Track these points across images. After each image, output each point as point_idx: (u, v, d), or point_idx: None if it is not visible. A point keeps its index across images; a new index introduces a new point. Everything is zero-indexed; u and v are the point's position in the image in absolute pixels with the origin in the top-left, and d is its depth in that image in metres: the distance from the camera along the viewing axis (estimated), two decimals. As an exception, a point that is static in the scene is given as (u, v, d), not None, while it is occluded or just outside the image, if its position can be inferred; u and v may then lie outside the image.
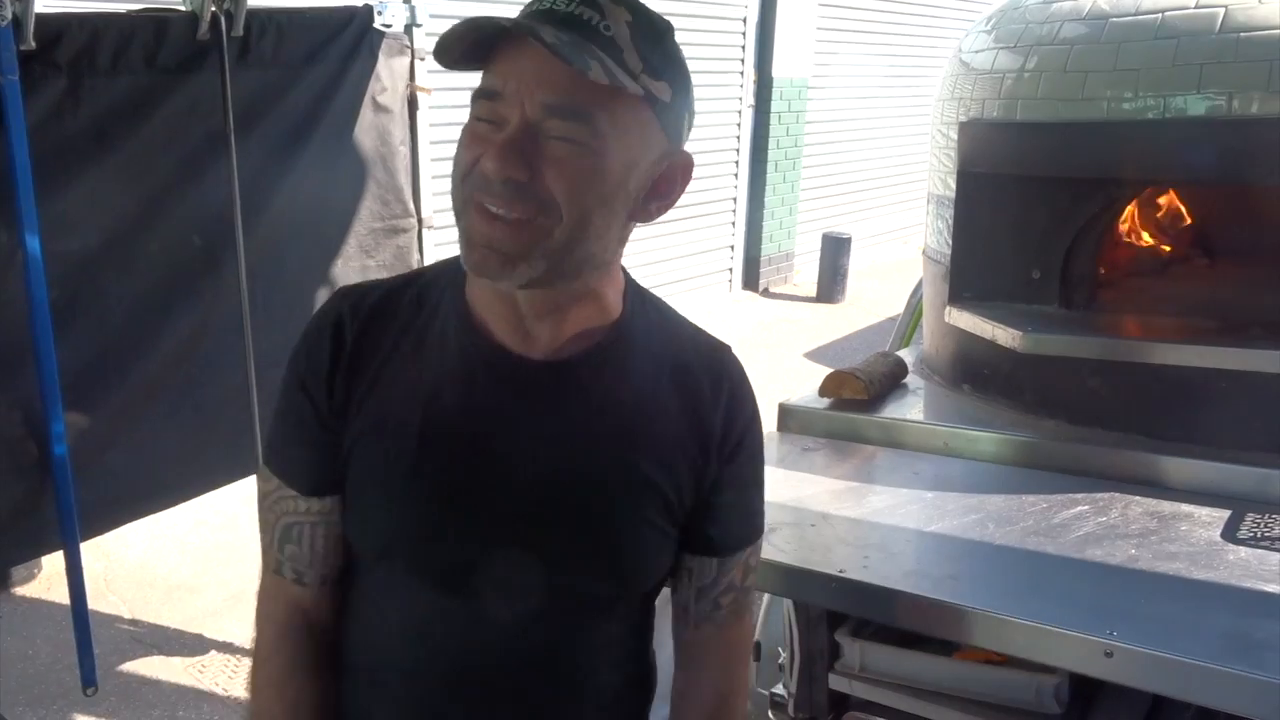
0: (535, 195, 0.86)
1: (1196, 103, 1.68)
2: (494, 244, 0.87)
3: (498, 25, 0.84)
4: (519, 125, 0.85)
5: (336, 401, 0.97)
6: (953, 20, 9.33)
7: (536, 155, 0.85)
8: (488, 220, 0.87)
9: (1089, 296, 1.95)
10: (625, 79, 0.85)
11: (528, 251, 0.87)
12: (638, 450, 0.98)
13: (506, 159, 0.85)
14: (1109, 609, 1.30)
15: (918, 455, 1.86)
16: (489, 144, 0.86)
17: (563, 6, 0.86)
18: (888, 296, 7.52)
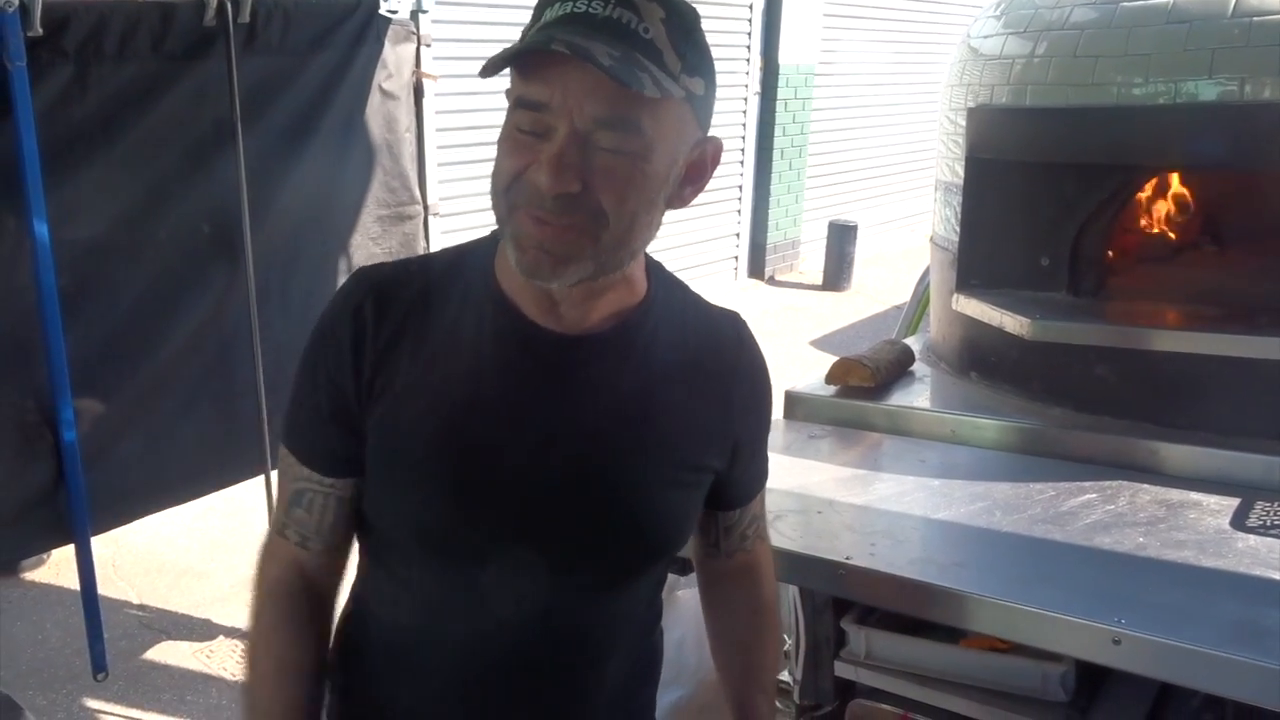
0: (586, 206, 0.87)
1: (1208, 88, 1.67)
2: (546, 246, 0.88)
3: (552, 49, 0.83)
4: (568, 137, 0.85)
5: (361, 383, 0.97)
6: (960, 6, 9.27)
7: (586, 167, 0.86)
8: (538, 225, 0.88)
9: (1097, 283, 1.94)
10: (671, 85, 0.86)
11: (579, 254, 0.89)
12: (669, 417, 1.01)
13: (559, 173, 0.85)
14: (1116, 597, 1.29)
15: (924, 443, 1.85)
16: (533, 154, 0.87)
17: (600, 10, 0.85)
18: (894, 284, 7.50)
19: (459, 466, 0.97)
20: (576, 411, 0.98)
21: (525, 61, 0.87)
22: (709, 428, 1.04)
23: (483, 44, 5.42)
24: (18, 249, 1.98)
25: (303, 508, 1.02)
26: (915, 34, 9.06)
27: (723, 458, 1.06)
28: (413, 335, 0.98)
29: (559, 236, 0.88)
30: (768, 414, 1.14)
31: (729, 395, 1.06)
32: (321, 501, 1.02)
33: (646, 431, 1.00)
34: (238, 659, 2.97)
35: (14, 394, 2.04)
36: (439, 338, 0.98)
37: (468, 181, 5.45)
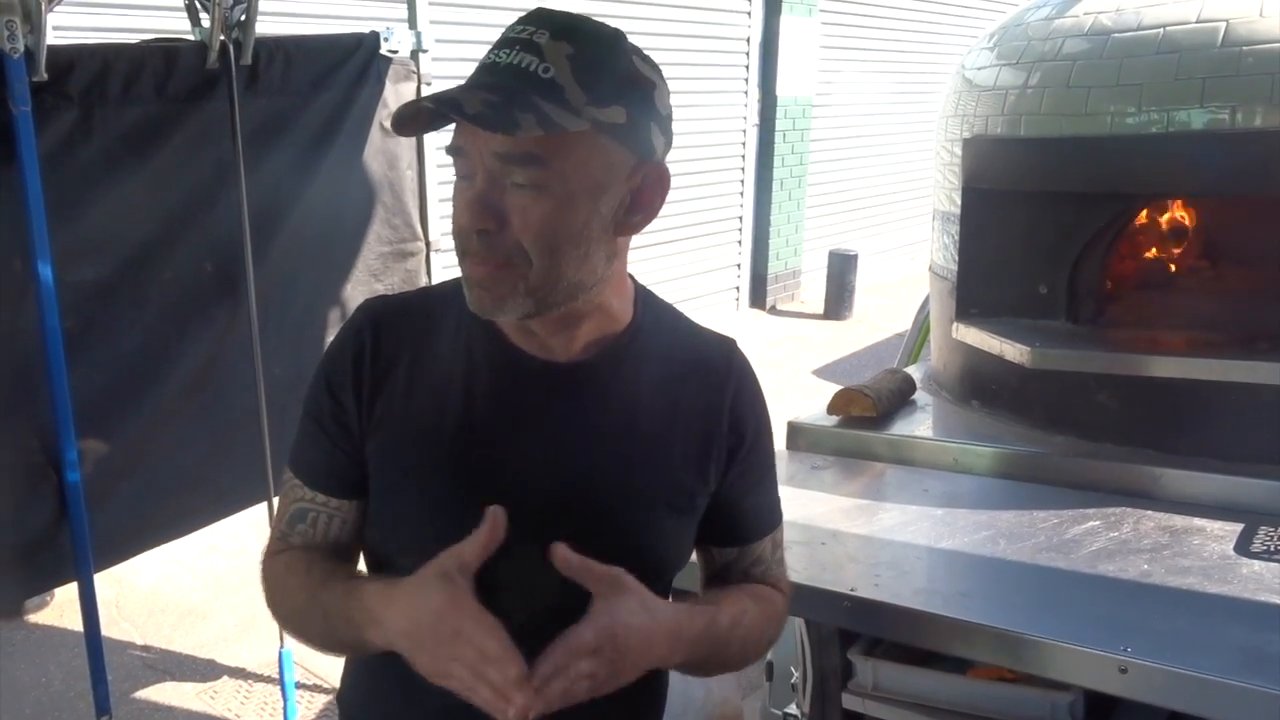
0: (504, 245, 0.91)
1: (1200, 116, 1.68)
2: (484, 284, 0.94)
3: (425, 106, 0.89)
4: (483, 178, 0.91)
5: (361, 408, 1.01)
6: (955, 38, 9.36)
7: (502, 205, 0.91)
8: (474, 264, 0.94)
9: (1096, 311, 1.95)
10: (567, 119, 0.88)
11: (511, 290, 0.93)
12: (656, 444, 1.03)
13: (474, 212, 0.91)
14: (1123, 625, 1.29)
15: (927, 472, 1.86)
16: (462, 198, 0.93)
17: (504, 58, 0.91)
18: (895, 313, 7.51)
19: (456, 493, 0.99)
20: (566, 437, 1.01)
21: (430, 115, 0.92)
22: (697, 450, 1.05)
23: (482, 81, 5.48)
24: (24, 291, 1.99)
25: (305, 523, 1.05)
26: (911, 65, 9.14)
27: (713, 480, 1.06)
28: (410, 363, 1.01)
29: (491, 275, 0.93)
30: (766, 438, 1.12)
31: (718, 419, 1.06)
32: (325, 521, 1.05)
33: (634, 455, 1.02)
34: (241, 700, 2.95)
35: (19, 435, 2.04)
36: (435, 367, 1.01)
37: (469, 217, 5.49)
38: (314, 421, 1.03)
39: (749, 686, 2.72)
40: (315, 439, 1.04)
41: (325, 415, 1.02)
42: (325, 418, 1.02)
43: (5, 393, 2.03)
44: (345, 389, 1.01)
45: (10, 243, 1.96)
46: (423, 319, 1.04)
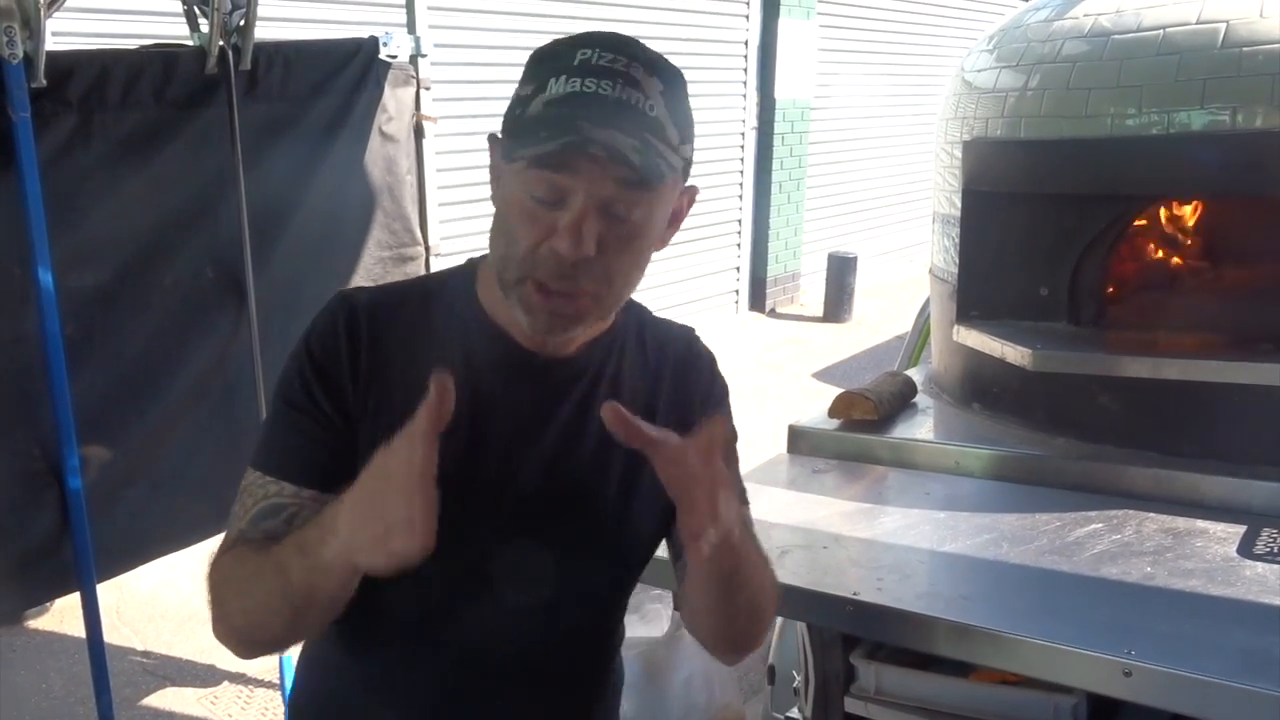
0: (598, 271, 0.93)
1: (1200, 117, 1.68)
2: (557, 311, 0.94)
3: (590, 150, 0.88)
4: (589, 207, 0.91)
5: (356, 395, 0.99)
6: (954, 40, 9.37)
7: (602, 235, 0.92)
8: (546, 295, 0.93)
9: (1097, 312, 1.94)
10: (677, 162, 0.94)
11: (585, 316, 0.96)
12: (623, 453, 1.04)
13: (580, 240, 0.90)
14: (1126, 627, 1.29)
15: (929, 475, 1.85)
16: (549, 222, 0.91)
17: (610, 91, 0.90)
18: (894, 315, 7.51)
19: (456, 488, 0.95)
20: (565, 431, 1.03)
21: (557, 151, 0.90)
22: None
23: (482, 85, 5.48)
24: (23, 297, 1.99)
25: (276, 519, 0.97)
26: (909, 68, 9.15)
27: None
28: (405, 359, 1.00)
29: (569, 303, 0.94)
30: (731, 419, 1.14)
31: (692, 406, 1.10)
32: (300, 514, 0.97)
33: (619, 447, 1.01)
34: (242, 705, 2.94)
35: (20, 442, 2.04)
36: (429, 360, 0.97)
37: (468, 221, 5.48)
38: (296, 411, 0.99)
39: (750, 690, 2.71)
40: (297, 428, 0.99)
41: (313, 403, 0.99)
42: (313, 406, 0.99)
43: (6, 400, 2.03)
44: (340, 375, 0.99)
45: (10, 249, 1.96)
46: (412, 316, 1.03)
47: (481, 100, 5.49)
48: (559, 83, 0.91)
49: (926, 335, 2.71)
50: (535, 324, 0.95)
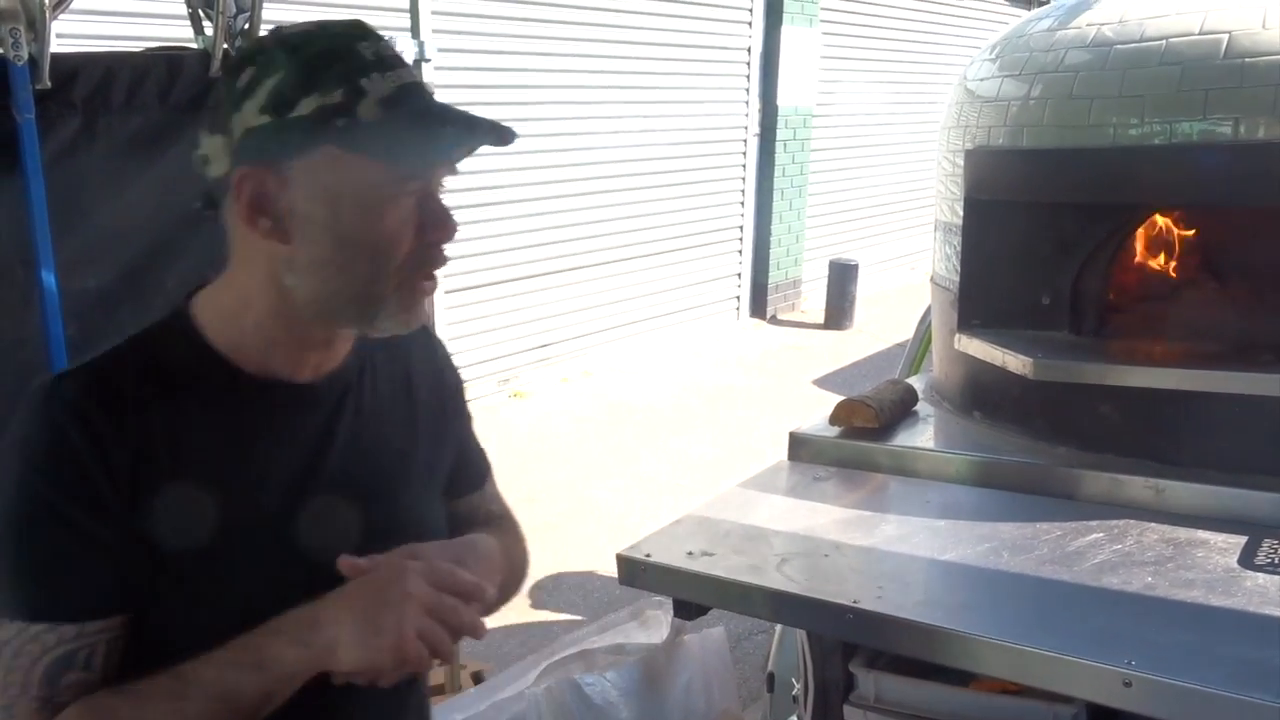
0: None
1: (1202, 128, 1.68)
2: (427, 297, 1.00)
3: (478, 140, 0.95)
4: (438, 191, 0.97)
5: (110, 505, 0.88)
6: (955, 48, 9.39)
7: None
8: (429, 281, 0.98)
9: (1099, 322, 1.94)
10: None
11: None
12: (416, 431, 1.11)
13: (452, 219, 0.97)
14: (1126, 637, 1.29)
15: (929, 483, 1.85)
16: (415, 219, 0.94)
17: (414, 76, 0.94)
18: (895, 323, 7.51)
19: (280, 546, 0.95)
20: (353, 448, 1.03)
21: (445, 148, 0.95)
22: (441, 427, 1.15)
23: (486, 90, 5.49)
24: (27, 298, 1.99)
25: (79, 669, 0.88)
26: (911, 75, 9.17)
27: (452, 438, 1.17)
28: (159, 429, 0.91)
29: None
30: (464, 397, 1.23)
31: (444, 392, 1.16)
32: (105, 650, 0.89)
33: (406, 448, 1.09)
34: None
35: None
36: (192, 423, 0.93)
37: (471, 225, 5.50)
38: (54, 541, 0.87)
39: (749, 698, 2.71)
40: (63, 559, 0.87)
41: (72, 525, 0.87)
42: (72, 529, 0.87)
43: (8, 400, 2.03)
44: (88, 480, 0.87)
45: (14, 250, 1.96)
46: (138, 380, 0.93)
47: (485, 105, 5.50)
48: (375, 81, 0.89)
49: (928, 343, 2.71)
50: (413, 320, 0.98)
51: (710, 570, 1.51)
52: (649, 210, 6.71)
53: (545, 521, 4.35)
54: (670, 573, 1.54)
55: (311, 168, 0.90)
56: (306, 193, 0.90)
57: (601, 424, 5.55)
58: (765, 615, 1.82)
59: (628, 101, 6.43)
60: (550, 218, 6.09)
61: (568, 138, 6.10)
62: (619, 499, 4.57)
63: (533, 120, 5.82)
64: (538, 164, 5.92)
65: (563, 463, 5.00)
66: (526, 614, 3.64)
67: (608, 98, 6.30)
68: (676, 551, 1.57)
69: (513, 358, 6.04)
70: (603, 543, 4.09)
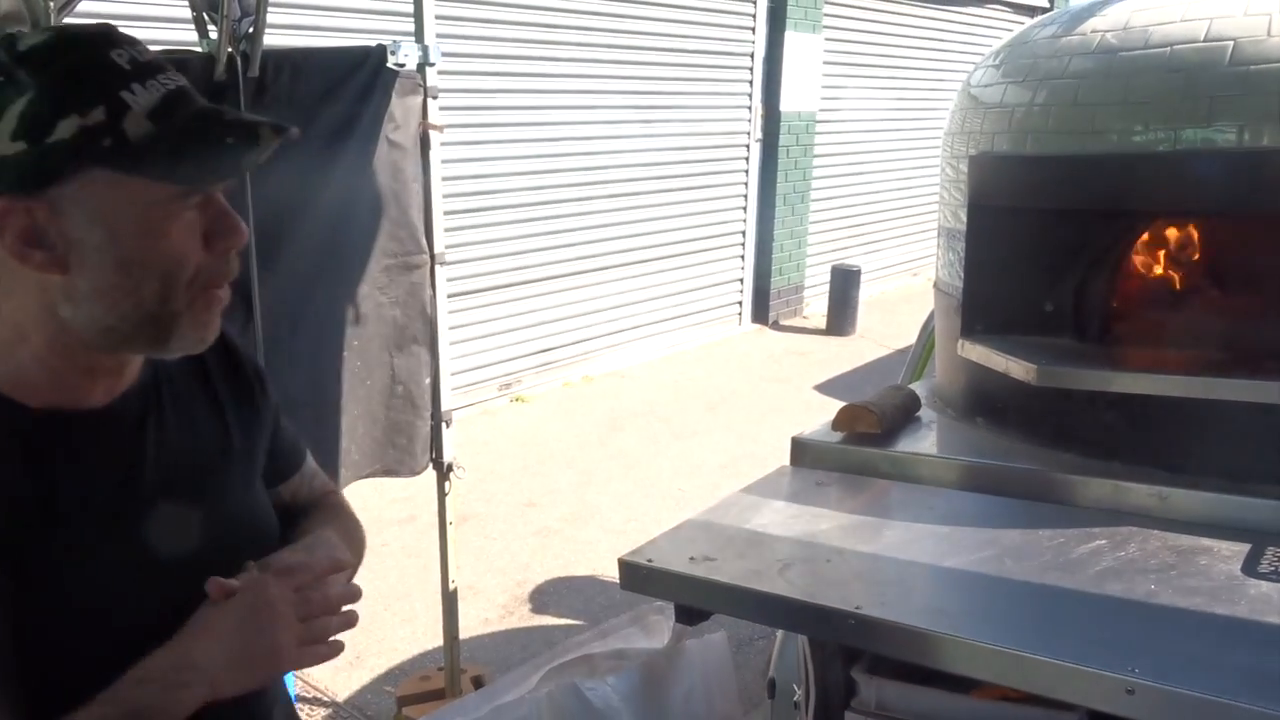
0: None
1: (1207, 135, 1.68)
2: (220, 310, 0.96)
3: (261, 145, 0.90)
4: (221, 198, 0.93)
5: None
6: (958, 55, 9.39)
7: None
8: (220, 292, 0.94)
9: (1102, 329, 1.94)
10: None
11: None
12: (227, 428, 1.07)
13: (241, 225, 0.94)
14: (1129, 645, 1.28)
15: (932, 489, 1.85)
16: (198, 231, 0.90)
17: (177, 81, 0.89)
18: (897, 329, 7.52)
19: (116, 562, 0.92)
20: (167, 460, 0.98)
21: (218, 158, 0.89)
22: (252, 420, 1.11)
23: (489, 94, 5.50)
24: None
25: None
26: (914, 81, 9.17)
27: (267, 435, 1.14)
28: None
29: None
30: (267, 384, 1.18)
31: (248, 384, 1.12)
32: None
33: (221, 447, 1.05)
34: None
35: None
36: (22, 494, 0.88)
37: (474, 230, 5.50)
38: None
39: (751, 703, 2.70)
40: None
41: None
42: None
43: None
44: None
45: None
46: None
47: (488, 109, 5.51)
48: (139, 94, 0.84)
49: (930, 349, 2.71)
50: (206, 337, 0.94)
51: (712, 575, 1.51)
52: (651, 215, 6.71)
53: (546, 526, 4.34)
54: (672, 578, 1.53)
55: (82, 193, 0.83)
56: (80, 220, 0.84)
57: (603, 429, 5.55)
58: (767, 621, 1.82)
59: (631, 106, 6.44)
60: (552, 222, 6.10)
61: (570, 142, 6.11)
62: (620, 504, 4.57)
63: (536, 125, 5.83)
64: (540, 169, 5.92)
65: (564, 467, 5.00)
66: (528, 619, 3.64)
67: (611, 102, 6.30)
68: (678, 557, 1.56)
69: (514, 362, 6.04)
70: (604, 548, 4.09)
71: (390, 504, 4.35)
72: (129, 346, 0.93)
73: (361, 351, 2.62)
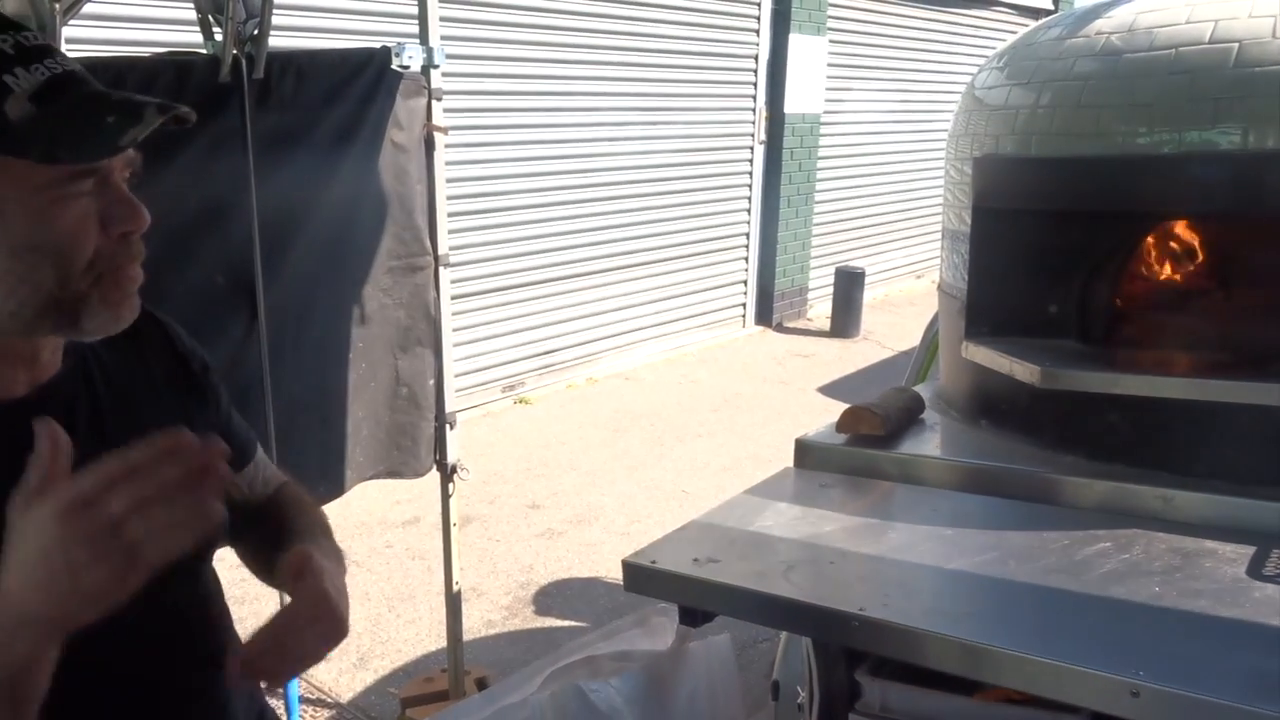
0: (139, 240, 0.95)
1: (1212, 137, 1.68)
2: (132, 292, 0.95)
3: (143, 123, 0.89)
4: (119, 181, 0.92)
5: None
6: (963, 56, 9.39)
7: None
8: (133, 272, 0.94)
9: (1107, 330, 1.94)
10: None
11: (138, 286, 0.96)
12: (170, 418, 0.98)
13: (140, 209, 0.93)
14: (1134, 647, 1.28)
15: (936, 491, 1.85)
16: (91, 214, 0.89)
17: (67, 65, 0.90)
18: (901, 330, 7.51)
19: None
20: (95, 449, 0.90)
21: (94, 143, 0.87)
22: (192, 408, 1.10)
23: (493, 96, 5.51)
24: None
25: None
26: (918, 84, 9.17)
27: (208, 419, 1.13)
28: None
29: (137, 279, 0.95)
30: (214, 376, 1.18)
31: (191, 369, 1.13)
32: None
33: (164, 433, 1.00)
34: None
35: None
36: None
37: (478, 231, 5.51)
38: None
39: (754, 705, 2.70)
40: None
41: None
42: None
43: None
44: None
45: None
46: None
47: (493, 111, 5.52)
48: (20, 76, 0.85)
49: (934, 351, 2.71)
50: (122, 316, 0.93)
51: (716, 577, 1.51)
52: (655, 217, 6.72)
53: (550, 528, 4.35)
54: (676, 579, 1.53)
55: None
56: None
57: (607, 431, 5.55)
58: (771, 623, 1.82)
59: (635, 108, 6.44)
60: (556, 224, 6.10)
61: (574, 144, 6.11)
62: (624, 506, 4.57)
63: (539, 127, 5.84)
64: (544, 170, 5.93)
65: (568, 469, 5.00)
66: (531, 620, 3.64)
67: (615, 104, 6.31)
68: (682, 558, 1.56)
69: (518, 364, 6.05)
70: (607, 549, 4.09)
71: (394, 506, 4.36)
72: (38, 330, 0.92)
73: (366, 353, 2.62)
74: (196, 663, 1.06)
